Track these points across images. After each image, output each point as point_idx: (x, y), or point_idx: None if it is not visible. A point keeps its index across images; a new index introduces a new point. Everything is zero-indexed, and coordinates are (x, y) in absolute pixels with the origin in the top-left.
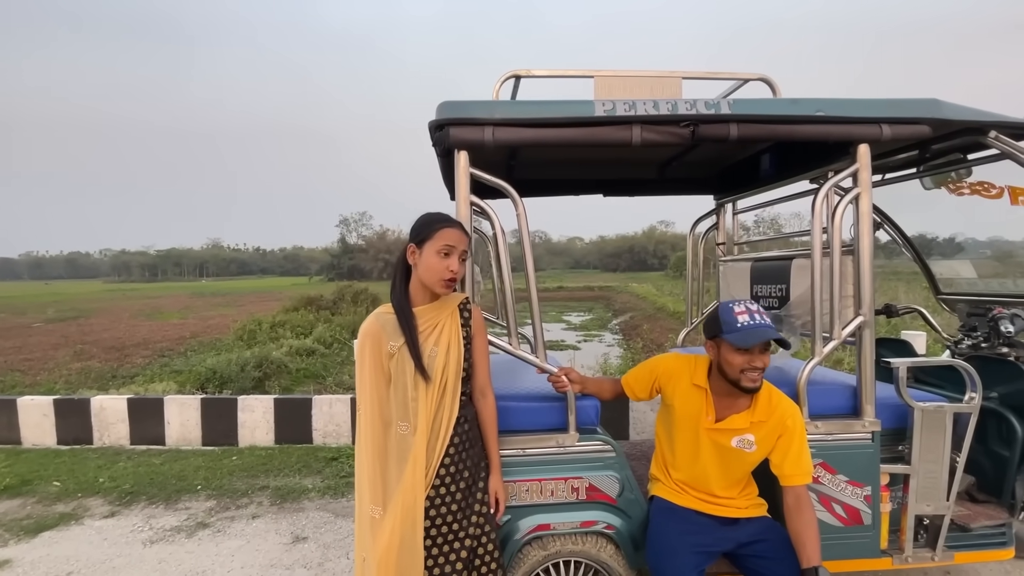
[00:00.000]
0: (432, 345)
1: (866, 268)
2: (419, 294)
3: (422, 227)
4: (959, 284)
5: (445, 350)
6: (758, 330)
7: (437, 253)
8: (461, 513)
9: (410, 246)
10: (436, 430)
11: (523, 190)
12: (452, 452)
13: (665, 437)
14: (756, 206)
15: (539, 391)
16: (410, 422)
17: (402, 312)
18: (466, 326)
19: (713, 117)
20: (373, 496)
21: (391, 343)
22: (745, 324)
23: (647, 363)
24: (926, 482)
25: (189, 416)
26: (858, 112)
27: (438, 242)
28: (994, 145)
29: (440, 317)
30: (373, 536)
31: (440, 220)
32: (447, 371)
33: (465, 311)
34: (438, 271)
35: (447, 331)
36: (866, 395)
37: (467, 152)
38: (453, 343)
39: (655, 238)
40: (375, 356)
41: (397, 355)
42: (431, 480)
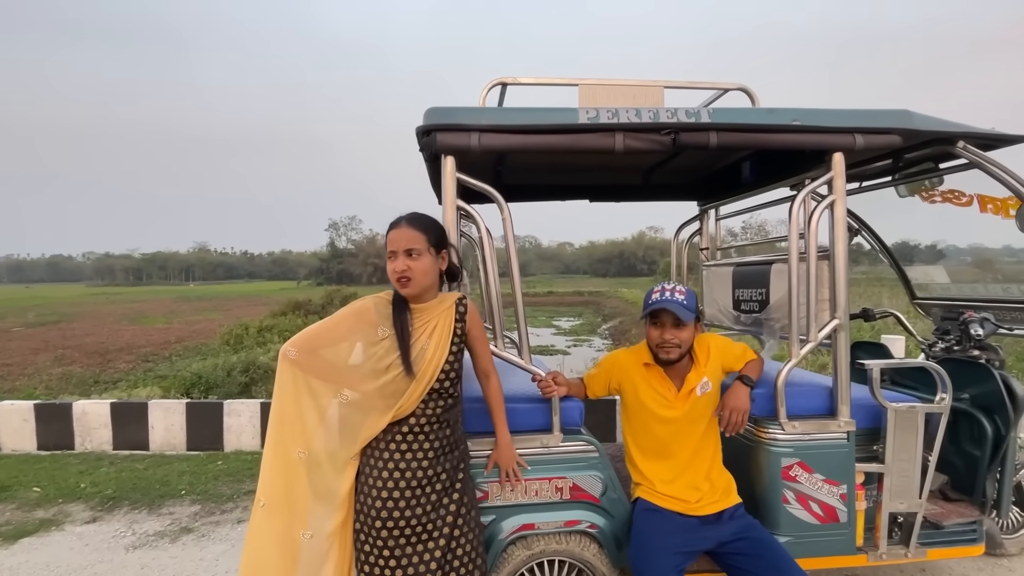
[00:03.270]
0: (425, 339)
1: (841, 273)
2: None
3: None
4: (933, 289)
5: (435, 347)
6: (656, 303)
7: (388, 257)
8: (435, 513)
9: None
10: (414, 426)
11: (510, 195)
12: (432, 455)
13: (631, 435)
14: (738, 212)
15: (524, 392)
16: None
17: (398, 303)
18: (461, 321)
19: (693, 125)
20: (295, 439)
21: (382, 329)
22: (654, 300)
23: (602, 361)
24: (899, 480)
25: (174, 421)
26: (832, 122)
27: (387, 247)
28: (962, 155)
29: (434, 315)
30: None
31: (390, 225)
32: (433, 367)
33: (461, 307)
34: (391, 274)
35: (439, 329)
36: (841, 396)
37: (454, 157)
38: (443, 341)
39: (644, 244)
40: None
41: (386, 343)
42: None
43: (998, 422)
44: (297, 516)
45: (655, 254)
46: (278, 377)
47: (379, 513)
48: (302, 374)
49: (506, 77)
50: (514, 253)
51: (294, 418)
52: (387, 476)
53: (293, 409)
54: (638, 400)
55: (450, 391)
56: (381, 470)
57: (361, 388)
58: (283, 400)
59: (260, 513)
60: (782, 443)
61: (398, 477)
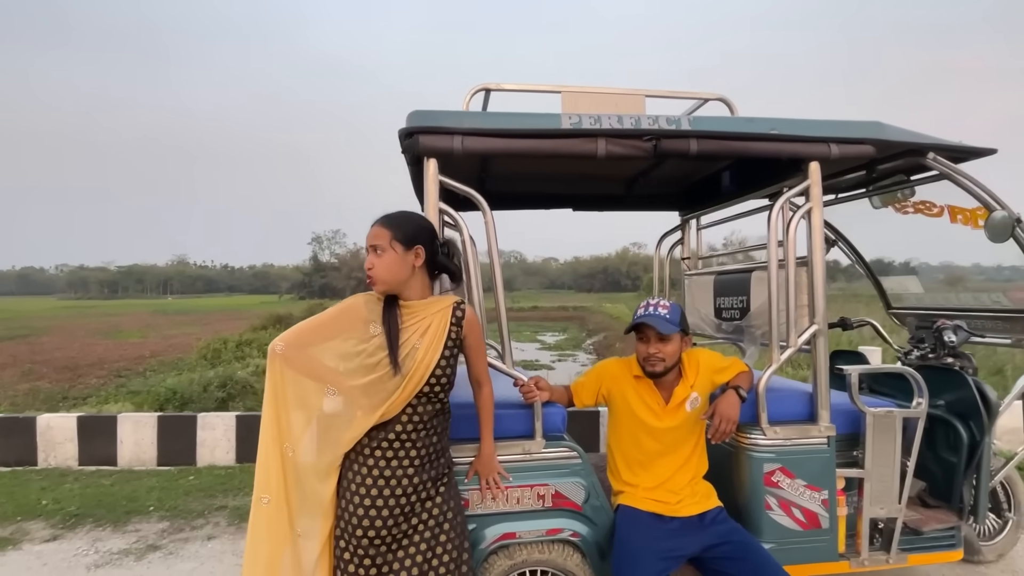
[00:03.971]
0: (416, 338)
1: (819, 279)
2: (407, 292)
3: None
4: (907, 299)
5: (427, 347)
6: (639, 317)
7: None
8: (416, 519)
9: None
10: (400, 433)
11: (494, 203)
12: (417, 463)
13: (617, 445)
14: (719, 221)
15: (505, 398)
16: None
17: (388, 301)
18: (457, 326)
19: (674, 132)
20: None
21: (373, 326)
22: (637, 316)
23: (593, 369)
24: (879, 485)
25: (144, 435)
26: (808, 132)
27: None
28: (932, 166)
29: (427, 314)
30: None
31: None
32: (424, 368)
33: (458, 311)
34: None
35: (432, 329)
36: (821, 401)
37: (436, 160)
38: (436, 342)
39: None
40: (348, 322)
41: (376, 340)
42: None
43: (973, 428)
44: (293, 515)
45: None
46: (268, 373)
47: (360, 521)
48: (290, 371)
49: (489, 83)
50: (497, 259)
51: (282, 416)
52: (371, 484)
53: (283, 407)
54: (627, 410)
55: (440, 396)
56: (365, 477)
57: (348, 386)
58: (274, 396)
59: (264, 510)
60: (764, 448)
61: (382, 485)
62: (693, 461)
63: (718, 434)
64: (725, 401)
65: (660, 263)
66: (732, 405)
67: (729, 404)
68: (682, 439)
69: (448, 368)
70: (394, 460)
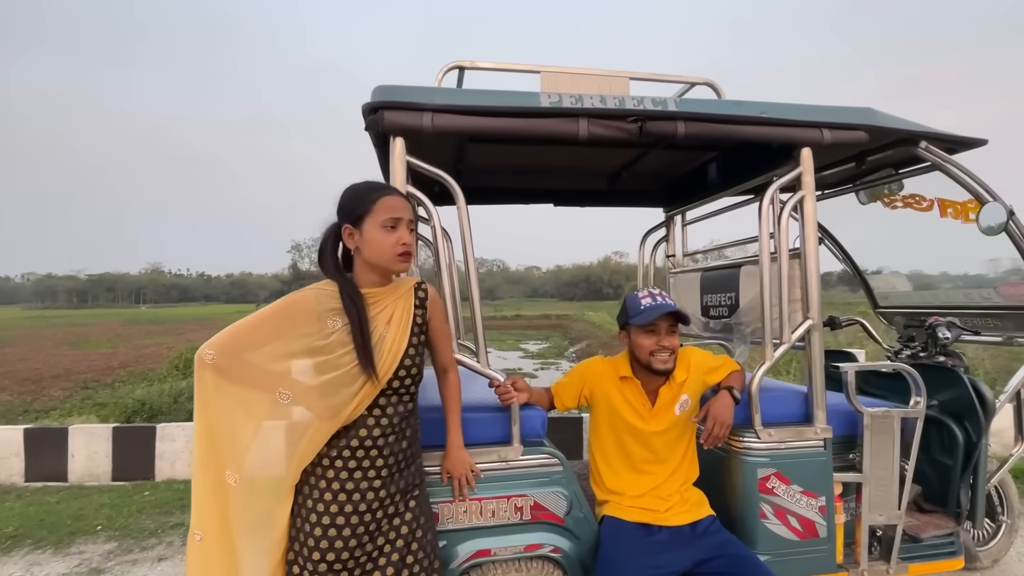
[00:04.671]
0: (383, 327)
1: (813, 271)
2: (366, 277)
3: (355, 201)
4: (895, 298)
5: (394, 336)
6: (657, 307)
7: (382, 227)
8: (383, 538)
9: (345, 228)
10: (365, 439)
11: (471, 197)
12: (385, 474)
13: (600, 451)
14: (705, 216)
15: (479, 400)
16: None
17: (348, 290)
18: (421, 308)
19: (661, 114)
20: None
21: (332, 321)
22: (648, 305)
23: (575, 369)
24: (878, 491)
25: (98, 448)
26: (800, 116)
27: (380, 214)
28: (924, 156)
29: (390, 301)
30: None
31: (376, 189)
32: (392, 358)
33: (420, 291)
34: (388, 247)
35: (398, 316)
36: (817, 400)
37: (404, 139)
38: (402, 330)
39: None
40: (297, 320)
41: (338, 337)
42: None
43: (969, 429)
44: (235, 550)
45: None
46: (197, 387)
47: (318, 544)
48: (227, 383)
49: (463, 61)
50: (471, 251)
51: (221, 436)
52: (330, 499)
53: (218, 425)
54: (612, 412)
55: (410, 390)
56: (323, 492)
57: (303, 389)
58: (206, 415)
59: (197, 548)
60: (758, 452)
61: (343, 501)
62: (683, 467)
63: (711, 438)
64: (718, 403)
65: (644, 261)
66: (726, 407)
67: (723, 406)
68: (671, 444)
69: (417, 357)
70: (358, 471)
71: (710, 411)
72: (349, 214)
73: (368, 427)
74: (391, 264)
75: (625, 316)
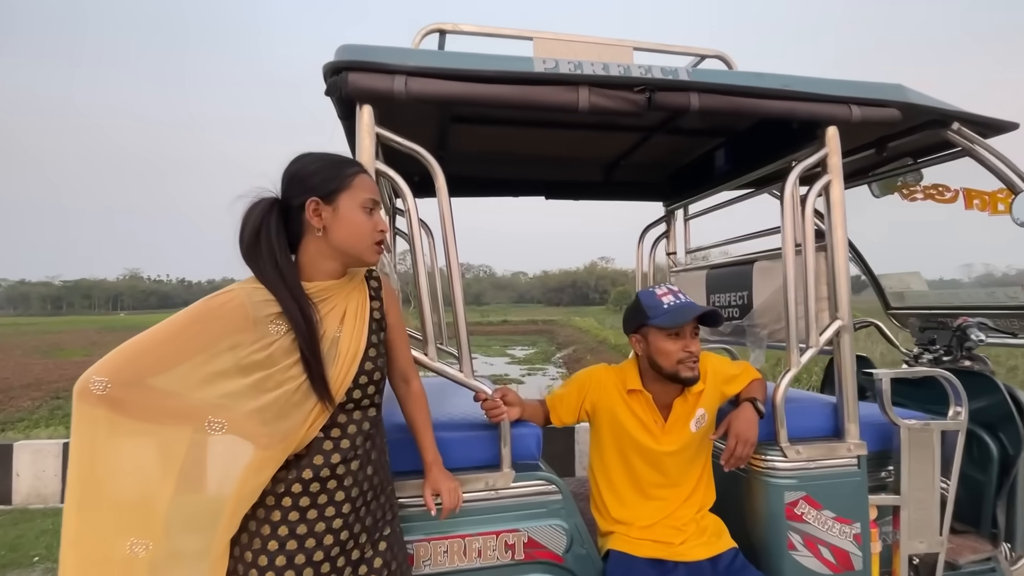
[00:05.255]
0: (336, 326)
1: (841, 265)
2: (321, 268)
3: (328, 172)
4: (910, 297)
5: (350, 335)
6: (688, 307)
7: (362, 208)
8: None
9: (310, 202)
10: (321, 468)
11: (455, 188)
12: (347, 511)
13: (603, 474)
14: (708, 209)
15: (462, 417)
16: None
17: (290, 288)
18: (376, 299)
19: (672, 83)
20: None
21: (273, 327)
22: (672, 304)
23: (574, 379)
24: (918, 514)
25: (46, 466)
26: (827, 90)
27: (360, 192)
28: (955, 140)
29: (341, 295)
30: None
31: (351, 163)
32: (350, 361)
33: (373, 280)
34: (368, 233)
35: (352, 312)
36: (849, 412)
37: (372, 107)
38: (359, 327)
39: (596, 273)
40: (223, 328)
41: (280, 345)
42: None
43: (1004, 441)
44: None
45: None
46: (79, 430)
47: None
48: (127, 420)
49: (445, 23)
50: (453, 241)
51: (121, 496)
52: (276, 549)
53: (117, 481)
54: (618, 429)
55: (374, 399)
56: (268, 540)
57: (239, 417)
58: (94, 467)
59: None
60: (784, 473)
61: (293, 550)
62: (699, 491)
63: (734, 459)
64: (741, 417)
65: (644, 260)
66: (749, 422)
67: (746, 421)
68: (685, 465)
69: (380, 359)
70: (312, 510)
71: (732, 427)
72: (319, 186)
73: (325, 453)
74: (366, 253)
75: (641, 317)
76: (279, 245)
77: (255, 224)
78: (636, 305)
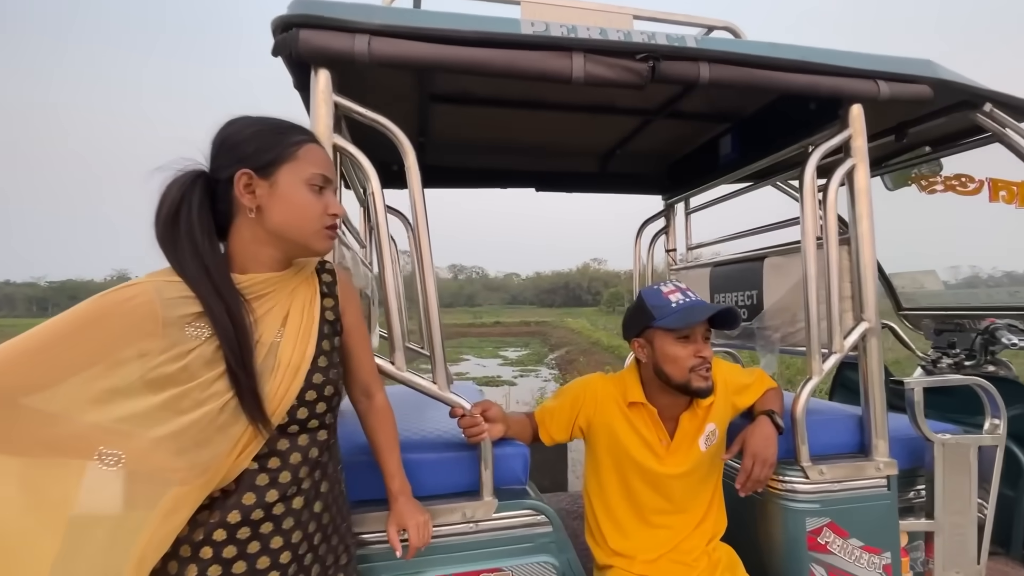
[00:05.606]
0: (275, 329)
1: (868, 260)
2: (253, 257)
3: (265, 139)
4: (924, 298)
5: (294, 341)
6: (701, 306)
7: (308, 185)
8: None
9: (241, 174)
10: (253, 509)
11: (440, 178)
12: (286, 560)
13: (600, 500)
14: (711, 202)
15: (436, 436)
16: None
17: (214, 281)
18: (331, 295)
19: (679, 51)
20: None
21: (191, 330)
22: (682, 303)
23: (567, 390)
24: (954, 541)
25: None
26: (852, 63)
27: (307, 166)
28: (985, 124)
29: (284, 292)
30: None
31: (298, 131)
32: (292, 372)
33: (326, 274)
34: (315, 214)
35: (297, 311)
36: (877, 426)
37: (329, 71)
38: (306, 329)
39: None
40: (124, 332)
41: (200, 353)
42: None
43: None
44: None
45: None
46: None
47: None
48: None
49: None
50: (424, 226)
51: None
52: None
53: None
54: (617, 448)
55: (325, 419)
56: None
57: (145, 446)
58: None
59: None
60: (806, 496)
61: None
62: (710, 518)
63: (751, 482)
64: (758, 434)
65: (642, 257)
66: (768, 439)
67: (764, 438)
68: (694, 488)
69: (332, 370)
70: (240, 561)
71: (748, 445)
72: (252, 156)
73: (258, 488)
74: (312, 239)
75: (645, 319)
76: (202, 227)
77: (174, 201)
78: (639, 305)
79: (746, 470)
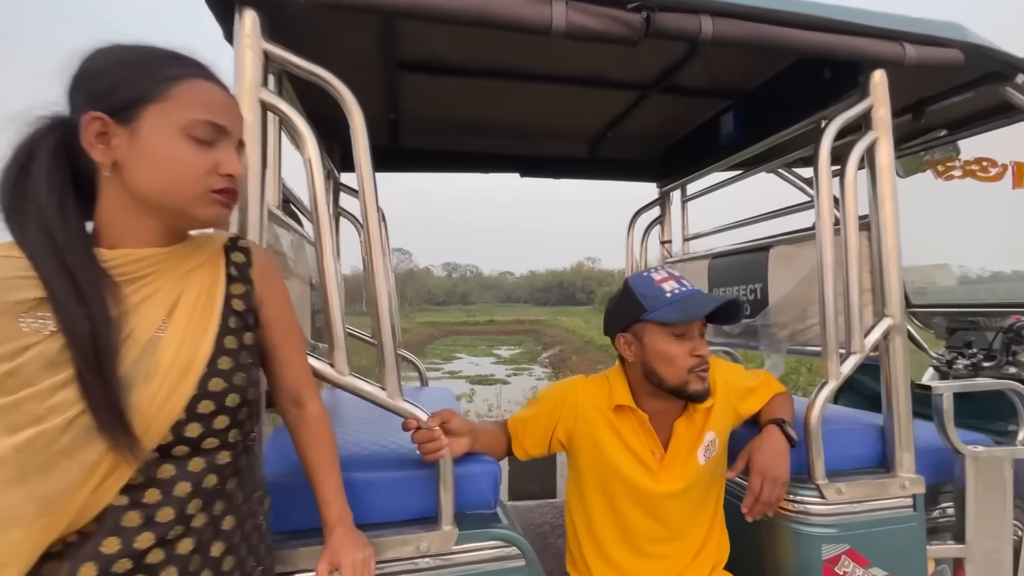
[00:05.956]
0: (154, 322)
1: (891, 248)
2: (127, 229)
3: (128, 73)
4: (935, 294)
5: (182, 338)
6: (699, 297)
7: (183, 134)
8: None
9: (91, 118)
10: (111, 561)
11: (416, 161)
12: None
13: (585, 522)
14: (710, 188)
15: (388, 450)
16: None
17: (63, 256)
18: (242, 281)
19: (677, 1)
20: None
21: (28, 323)
22: (678, 293)
23: (542, 397)
24: (987, 567)
25: None
26: (874, 22)
27: (182, 110)
28: (1015, 99)
29: (174, 274)
30: None
31: (177, 61)
32: (175, 386)
33: (238, 252)
34: (192, 173)
35: (191, 299)
36: (902, 438)
37: (257, 13)
38: (203, 323)
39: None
40: None
41: (44, 351)
42: None
43: None
44: None
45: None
46: None
47: None
48: None
49: None
50: (374, 204)
51: None
52: None
53: None
54: (602, 463)
55: (227, 436)
56: None
57: None
58: None
59: None
60: (822, 519)
61: None
62: (711, 543)
63: (760, 505)
64: (767, 448)
65: (635, 249)
66: (779, 455)
67: (774, 453)
68: (692, 509)
69: (239, 372)
70: None
71: (756, 461)
72: (106, 94)
73: (126, 531)
74: (194, 206)
75: (634, 311)
76: (51, 188)
77: (19, 156)
78: (626, 294)
79: (754, 491)
